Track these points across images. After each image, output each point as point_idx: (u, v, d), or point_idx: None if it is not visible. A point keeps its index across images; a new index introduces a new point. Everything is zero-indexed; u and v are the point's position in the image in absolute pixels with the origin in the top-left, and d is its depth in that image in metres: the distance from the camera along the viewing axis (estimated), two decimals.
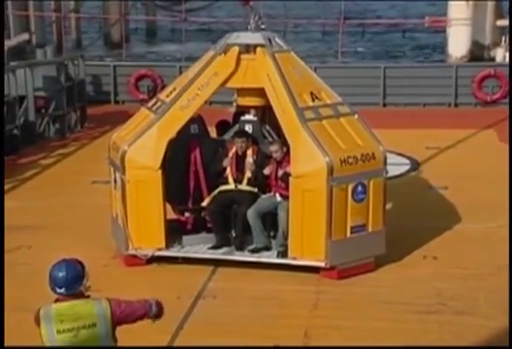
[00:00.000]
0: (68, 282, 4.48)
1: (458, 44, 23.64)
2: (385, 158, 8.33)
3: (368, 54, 35.94)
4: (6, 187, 11.91)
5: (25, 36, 25.75)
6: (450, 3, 23.97)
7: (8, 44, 25.19)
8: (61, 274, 4.49)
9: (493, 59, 22.66)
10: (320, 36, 40.43)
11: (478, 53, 23.90)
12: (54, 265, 4.59)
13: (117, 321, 4.55)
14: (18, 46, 27.23)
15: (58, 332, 4.43)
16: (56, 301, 4.56)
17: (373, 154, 8.20)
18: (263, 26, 8.59)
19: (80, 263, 4.64)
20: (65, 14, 33.66)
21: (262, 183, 8.57)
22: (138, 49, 37.21)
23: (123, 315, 4.54)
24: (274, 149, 8.35)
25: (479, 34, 23.61)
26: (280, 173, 8.32)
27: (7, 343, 6.68)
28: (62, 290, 4.48)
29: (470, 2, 23.21)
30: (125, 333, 6.15)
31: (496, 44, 23.19)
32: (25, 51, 27.66)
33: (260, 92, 8.43)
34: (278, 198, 8.40)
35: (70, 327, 4.42)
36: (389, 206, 9.54)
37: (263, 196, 8.56)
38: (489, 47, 23.75)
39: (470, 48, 23.60)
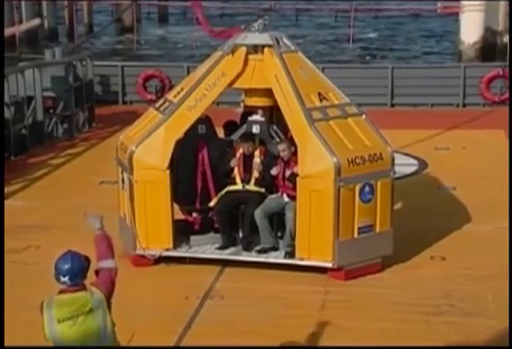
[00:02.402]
0: (72, 272, 4.61)
1: (470, 30, 23.42)
2: (393, 158, 8.32)
3: (379, 40, 35.72)
4: (15, 187, 11.95)
5: (37, 21, 25.71)
6: None
7: (19, 29, 25.23)
8: (66, 264, 4.64)
9: (505, 46, 22.41)
10: (333, 20, 40.23)
11: (491, 39, 23.69)
12: (60, 255, 4.72)
13: (108, 293, 4.73)
14: (31, 31, 27.26)
15: (58, 321, 4.60)
16: (60, 292, 4.69)
17: (381, 155, 8.19)
18: (266, 18, 8.57)
19: (87, 258, 4.75)
20: None
21: (269, 184, 8.57)
22: (149, 34, 37.08)
23: (108, 285, 4.74)
24: (282, 148, 8.35)
25: (492, 20, 23.38)
26: (288, 173, 8.32)
27: (17, 342, 6.72)
28: (66, 278, 4.61)
29: None
30: (132, 333, 6.18)
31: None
32: (38, 37, 27.75)
33: (267, 92, 8.43)
34: (286, 198, 8.39)
35: (69, 315, 4.58)
36: (397, 206, 9.52)
37: (270, 196, 8.56)
38: (501, 34, 23.54)
39: (483, 34, 23.37)
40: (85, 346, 4.61)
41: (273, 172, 8.45)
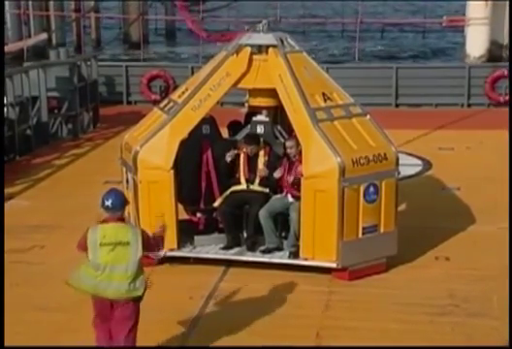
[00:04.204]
0: (114, 202, 5.87)
1: (476, 43, 23.51)
2: (397, 159, 8.31)
3: (386, 55, 35.82)
4: (19, 187, 11.97)
5: (44, 35, 25.88)
6: (468, 3, 23.94)
7: (26, 43, 25.38)
8: (110, 196, 5.91)
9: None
10: (339, 35, 40.38)
11: (496, 53, 23.72)
12: (106, 191, 5.99)
13: (144, 247, 5.91)
14: (38, 45, 27.44)
15: (101, 244, 5.79)
16: (103, 221, 5.88)
17: (385, 155, 8.19)
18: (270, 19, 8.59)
19: (126, 199, 6.06)
20: (84, 13, 33.81)
21: (274, 184, 8.57)
22: (156, 50, 37.23)
23: (148, 244, 6.00)
24: (290, 145, 8.34)
25: (497, 33, 23.45)
26: (292, 173, 8.32)
27: (24, 341, 6.74)
28: (109, 202, 5.86)
29: (489, 2, 23.12)
30: (137, 334, 6.19)
31: None
32: (46, 51, 27.85)
33: (272, 93, 8.43)
34: (290, 198, 8.39)
35: (109, 241, 5.79)
36: (401, 206, 9.51)
37: (274, 196, 8.56)
38: (507, 47, 23.58)
39: (488, 48, 23.45)
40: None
41: (276, 174, 8.45)
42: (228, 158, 8.59)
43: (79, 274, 5.92)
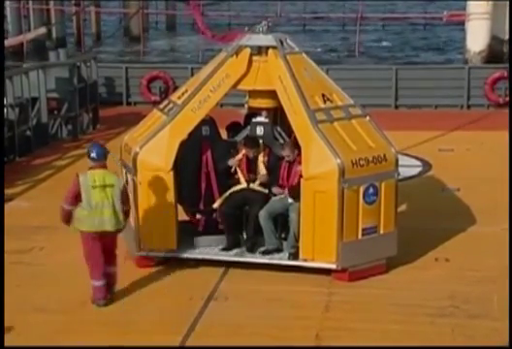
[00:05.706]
0: (97, 152, 7.46)
1: (476, 38, 23.53)
2: (397, 160, 8.31)
3: (386, 49, 35.85)
4: (20, 188, 11.97)
5: (43, 30, 25.92)
6: (469, 2, 24.00)
7: (26, 37, 25.42)
8: (94, 148, 7.53)
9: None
10: (340, 30, 40.45)
11: (497, 48, 23.74)
12: (90, 144, 7.79)
13: (125, 191, 7.59)
14: (37, 40, 27.47)
15: (92, 187, 7.32)
16: (90, 169, 7.41)
17: (385, 156, 8.19)
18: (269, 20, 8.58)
19: (107, 150, 7.60)
20: (84, 7, 33.80)
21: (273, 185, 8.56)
22: (157, 43, 37.18)
23: (125, 189, 7.60)
24: (286, 154, 8.39)
25: (498, 29, 23.47)
26: (293, 173, 8.32)
27: (26, 343, 6.74)
28: (94, 154, 7.44)
29: (490, 2, 23.18)
30: (137, 334, 6.20)
31: None
32: (45, 47, 27.95)
33: (272, 94, 8.44)
34: (290, 199, 8.40)
35: (99, 184, 7.34)
36: (401, 207, 9.52)
37: (274, 197, 8.56)
38: (507, 42, 23.58)
39: (489, 43, 23.45)
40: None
41: (275, 190, 8.45)
42: (230, 163, 8.59)
43: (78, 218, 7.39)
